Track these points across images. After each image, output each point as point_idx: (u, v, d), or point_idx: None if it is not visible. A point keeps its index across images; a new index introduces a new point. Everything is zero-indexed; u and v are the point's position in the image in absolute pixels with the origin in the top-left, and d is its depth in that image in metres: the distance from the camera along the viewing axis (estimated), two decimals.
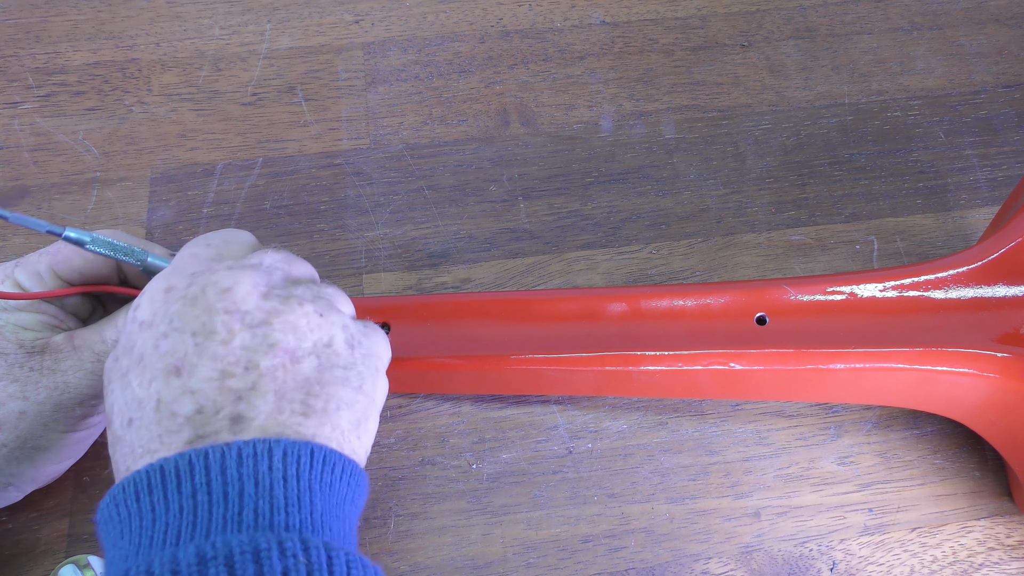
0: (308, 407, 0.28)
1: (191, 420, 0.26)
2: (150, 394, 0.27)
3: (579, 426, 0.43)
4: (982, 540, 0.41)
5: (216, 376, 0.27)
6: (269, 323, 0.29)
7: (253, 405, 0.27)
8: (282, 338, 0.29)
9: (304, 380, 0.28)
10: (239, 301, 0.29)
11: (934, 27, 0.57)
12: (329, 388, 0.29)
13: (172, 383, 0.27)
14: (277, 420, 0.27)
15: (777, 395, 0.42)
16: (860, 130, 0.53)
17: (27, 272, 0.37)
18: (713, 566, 0.40)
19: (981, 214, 0.50)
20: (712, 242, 0.48)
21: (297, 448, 0.26)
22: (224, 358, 0.27)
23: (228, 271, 0.30)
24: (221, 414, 0.26)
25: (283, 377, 0.28)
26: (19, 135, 0.51)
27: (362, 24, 0.56)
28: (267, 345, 0.28)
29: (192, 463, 0.25)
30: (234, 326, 0.28)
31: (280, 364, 0.28)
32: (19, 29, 0.55)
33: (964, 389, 0.38)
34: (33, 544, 0.39)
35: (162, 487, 0.25)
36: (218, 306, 0.28)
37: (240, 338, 0.28)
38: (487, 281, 0.47)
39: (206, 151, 0.51)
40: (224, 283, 0.29)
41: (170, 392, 0.27)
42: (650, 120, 0.53)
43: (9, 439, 0.35)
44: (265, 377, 0.28)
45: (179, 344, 0.28)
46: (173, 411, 0.26)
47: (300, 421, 0.28)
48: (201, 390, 0.27)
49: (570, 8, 0.57)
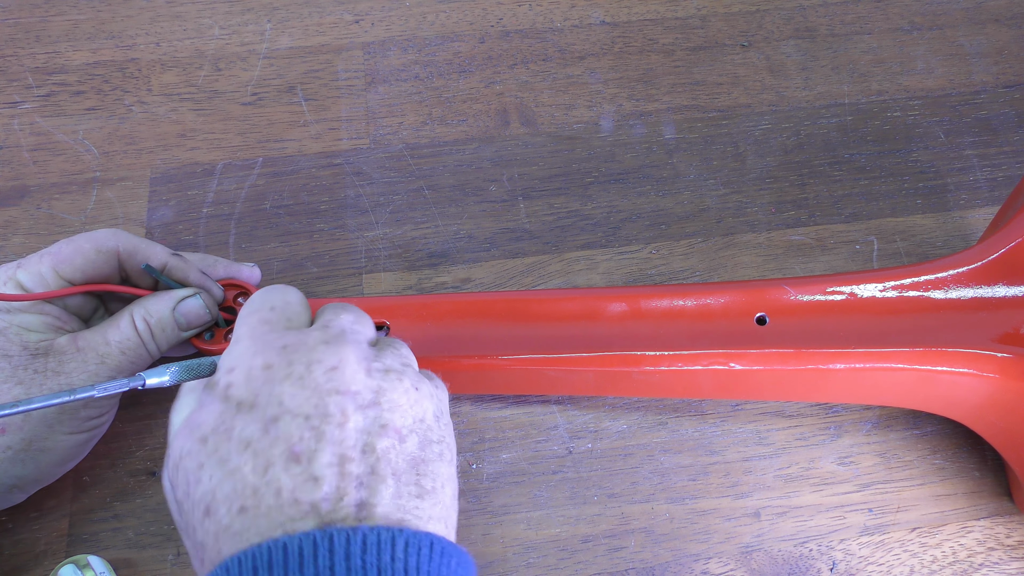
0: (421, 488, 0.27)
1: (316, 508, 0.25)
2: (267, 481, 0.26)
3: (579, 426, 0.43)
4: (982, 540, 0.41)
5: (336, 461, 0.26)
6: (378, 403, 0.28)
7: (375, 490, 0.26)
8: (391, 418, 0.28)
9: (411, 460, 0.28)
10: (348, 381, 0.28)
11: (934, 27, 0.57)
12: (431, 466, 0.28)
13: (292, 470, 0.26)
14: (398, 504, 0.26)
15: (777, 395, 0.42)
16: (860, 130, 0.53)
17: (29, 273, 0.37)
18: (713, 566, 0.40)
19: (981, 214, 0.50)
20: (712, 242, 0.48)
21: (418, 539, 0.25)
22: (342, 442, 0.27)
23: (327, 347, 0.29)
24: (345, 500, 0.26)
25: (396, 459, 0.27)
26: (19, 135, 0.51)
27: (362, 24, 0.56)
28: (379, 426, 0.27)
29: (316, 545, 0.24)
30: (347, 408, 0.27)
31: (391, 445, 0.27)
32: (19, 29, 0.55)
33: (964, 389, 0.38)
34: (33, 544, 0.39)
35: (283, 565, 0.24)
36: (328, 387, 0.27)
37: (354, 420, 0.27)
38: (487, 281, 0.47)
39: (206, 151, 0.51)
40: (329, 361, 0.28)
41: (291, 479, 0.26)
42: (650, 120, 0.53)
43: (14, 442, 0.35)
44: (382, 460, 0.27)
45: (293, 428, 0.27)
46: (297, 499, 0.25)
47: (417, 504, 0.27)
48: (324, 476, 0.26)
49: (570, 8, 0.57)
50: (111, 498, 0.40)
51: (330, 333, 0.29)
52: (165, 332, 0.38)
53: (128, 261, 0.38)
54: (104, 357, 0.37)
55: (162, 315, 0.38)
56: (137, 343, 0.37)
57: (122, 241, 0.38)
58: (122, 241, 0.38)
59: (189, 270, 0.39)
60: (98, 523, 0.40)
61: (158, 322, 0.38)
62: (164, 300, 0.38)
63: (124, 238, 0.38)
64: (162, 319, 0.38)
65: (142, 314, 0.38)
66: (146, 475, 0.41)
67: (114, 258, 0.38)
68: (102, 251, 0.37)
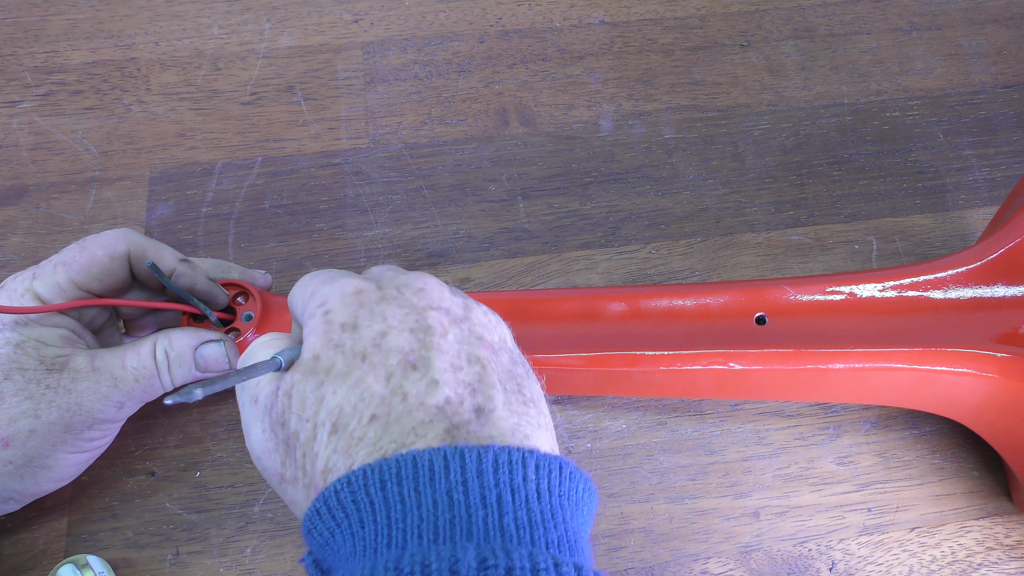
0: (524, 397, 0.28)
1: (442, 410, 0.26)
2: (392, 388, 0.26)
3: (578, 426, 0.43)
4: (981, 540, 0.41)
5: (448, 367, 0.27)
6: (468, 318, 0.29)
7: (488, 396, 0.27)
8: (482, 331, 0.29)
9: (508, 372, 0.28)
10: (438, 298, 0.29)
11: (933, 27, 0.57)
12: (524, 381, 0.29)
13: (412, 376, 0.27)
14: (511, 410, 0.27)
15: (776, 395, 0.42)
16: (859, 130, 0.53)
17: (46, 284, 0.36)
18: (712, 566, 0.40)
19: (980, 214, 0.50)
20: (711, 242, 0.48)
21: (548, 462, 0.26)
22: (448, 351, 0.27)
23: (406, 274, 0.30)
24: (465, 404, 0.26)
25: (496, 368, 0.28)
26: (18, 134, 0.51)
27: (361, 24, 0.56)
28: (475, 338, 0.28)
29: (447, 459, 0.24)
30: (444, 320, 0.28)
31: (489, 356, 0.28)
32: (18, 28, 0.55)
33: (963, 389, 0.38)
34: (32, 544, 0.39)
35: (413, 479, 0.24)
36: (422, 304, 0.28)
37: (453, 332, 0.28)
38: (486, 281, 0.47)
39: (205, 150, 0.51)
40: (416, 284, 0.29)
41: (414, 386, 0.26)
42: (649, 120, 0.53)
43: (16, 456, 0.35)
44: (486, 368, 0.28)
45: (403, 341, 0.27)
46: (423, 402, 0.26)
47: (527, 411, 0.27)
48: (442, 380, 0.26)
49: (569, 8, 0.57)
50: (110, 498, 0.40)
51: (398, 271, 0.31)
52: (182, 368, 0.38)
53: (137, 264, 0.38)
54: (118, 381, 0.37)
55: (183, 351, 0.38)
56: (152, 373, 0.37)
57: (132, 244, 0.38)
58: (132, 244, 0.38)
59: (197, 277, 0.39)
60: (97, 523, 0.40)
61: (177, 356, 0.38)
62: (190, 336, 0.38)
63: (134, 240, 0.38)
64: (182, 354, 0.38)
65: (164, 345, 0.38)
66: (145, 475, 0.41)
67: (126, 262, 0.38)
68: (115, 257, 0.37)
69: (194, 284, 0.39)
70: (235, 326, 0.41)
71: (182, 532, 0.40)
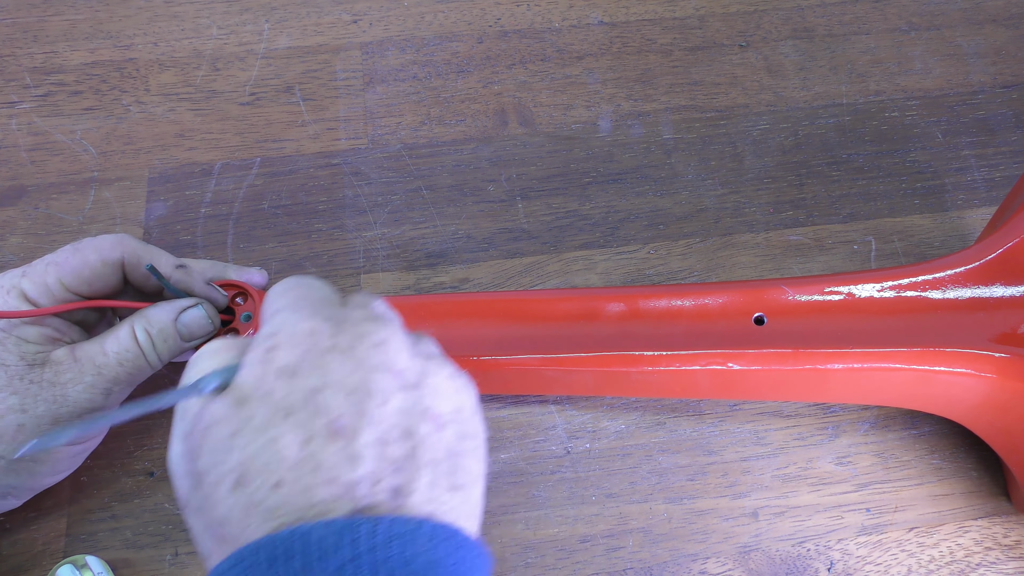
0: (455, 481, 0.26)
1: (352, 490, 0.24)
2: (307, 455, 0.25)
3: (577, 426, 0.43)
4: (979, 540, 0.41)
5: (374, 442, 0.25)
6: (421, 385, 0.27)
7: (412, 477, 0.25)
8: (432, 403, 0.27)
9: (448, 451, 0.26)
10: (394, 359, 0.27)
11: (932, 27, 0.57)
12: (465, 460, 0.27)
13: (332, 446, 0.25)
14: (431, 496, 0.25)
15: (775, 395, 0.42)
16: (858, 130, 0.53)
17: (34, 283, 0.36)
18: (711, 566, 0.40)
19: (979, 214, 0.50)
20: (710, 242, 0.48)
21: (445, 533, 0.25)
22: (381, 423, 0.25)
23: (373, 322, 0.27)
24: (382, 484, 0.25)
25: (434, 446, 0.26)
26: (16, 135, 0.51)
27: (360, 24, 0.56)
28: (420, 410, 0.26)
29: (341, 535, 0.23)
30: (390, 386, 0.26)
31: (431, 432, 0.26)
32: (16, 28, 0.55)
33: (962, 389, 0.38)
34: (31, 544, 0.39)
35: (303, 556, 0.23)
36: (373, 362, 0.26)
37: (396, 401, 0.26)
38: (485, 281, 0.47)
39: (204, 151, 0.51)
40: (376, 336, 0.27)
41: (330, 456, 0.25)
42: (648, 120, 0.53)
43: (6, 451, 0.35)
44: (420, 446, 0.26)
45: (334, 402, 0.25)
46: (334, 477, 0.24)
47: (449, 498, 0.26)
48: (362, 456, 0.25)
49: (568, 8, 0.57)
50: (109, 498, 0.40)
51: (372, 312, 0.29)
52: (167, 343, 0.38)
53: (132, 270, 0.38)
54: (101, 368, 0.36)
55: (164, 325, 0.38)
56: (137, 354, 0.37)
57: (127, 250, 0.37)
58: (127, 250, 0.37)
59: (193, 282, 0.39)
60: (96, 523, 0.40)
61: (159, 332, 0.37)
62: (166, 310, 0.38)
63: (129, 247, 0.38)
64: (164, 329, 0.38)
65: (143, 325, 0.37)
66: (144, 475, 0.41)
67: (119, 268, 0.38)
68: (108, 262, 0.37)
69: (191, 289, 0.39)
70: (234, 326, 0.41)
71: (181, 532, 0.40)
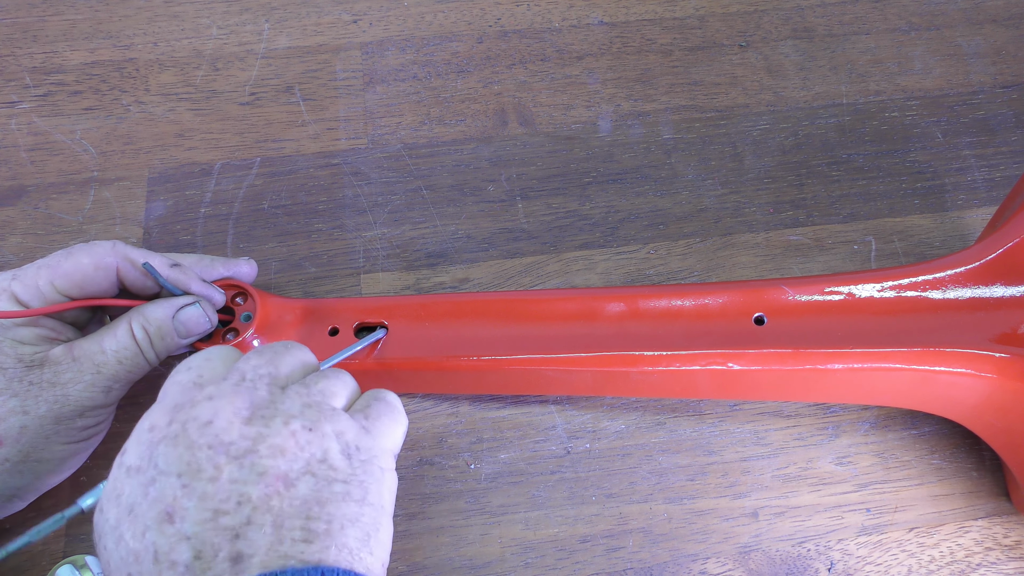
0: (309, 532, 0.27)
1: (191, 568, 0.25)
2: (145, 546, 0.26)
3: (577, 426, 0.43)
4: (979, 540, 0.41)
5: (209, 516, 0.26)
6: (255, 450, 0.28)
7: (251, 541, 0.26)
8: (271, 464, 0.27)
9: (302, 503, 0.27)
10: (220, 433, 0.28)
11: (932, 27, 0.57)
12: (329, 507, 0.28)
13: (166, 531, 0.26)
14: (278, 552, 0.26)
15: (775, 395, 0.42)
16: (858, 130, 0.53)
17: (25, 285, 0.36)
18: (711, 566, 0.40)
19: (979, 214, 0.50)
20: (710, 242, 0.48)
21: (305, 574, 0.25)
22: (214, 496, 0.26)
23: (208, 401, 0.29)
24: (220, 556, 0.26)
25: (279, 505, 0.27)
26: (16, 135, 0.51)
27: (360, 24, 0.56)
28: (256, 475, 0.27)
29: None
30: (219, 460, 0.27)
31: (274, 492, 0.27)
32: (16, 28, 0.55)
33: (962, 389, 0.38)
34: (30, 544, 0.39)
35: None
36: (200, 441, 0.27)
37: (227, 472, 0.27)
38: (485, 281, 0.47)
39: (204, 151, 0.51)
40: (203, 416, 0.28)
41: (165, 541, 0.26)
42: (648, 120, 0.53)
43: (11, 454, 0.35)
44: (259, 509, 0.27)
45: (167, 488, 0.27)
46: (172, 560, 0.25)
47: (303, 549, 0.26)
48: (196, 534, 0.26)
49: (568, 8, 0.57)
50: None
51: (222, 386, 0.30)
52: (164, 340, 0.38)
53: (127, 275, 0.38)
54: (100, 366, 0.36)
55: (161, 323, 0.38)
56: (135, 352, 0.37)
57: (120, 257, 0.37)
58: (120, 257, 0.37)
59: (190, 282, 0.39)
60: None
61: (157, 330, 0.37)
62: (163, 308, 0.38)
63: (122, 253, 0.37)
64: (161, 327, 0.38)
65: (141, 322, 0.37)
66: None
67: (113, 273, 0.37)
68: (101, 268, 0.37)
69: (188, 287, 0.39)
70: (234, 326, 0.41)
71: None
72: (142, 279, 0.38)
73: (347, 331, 0.42)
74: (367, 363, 0.41)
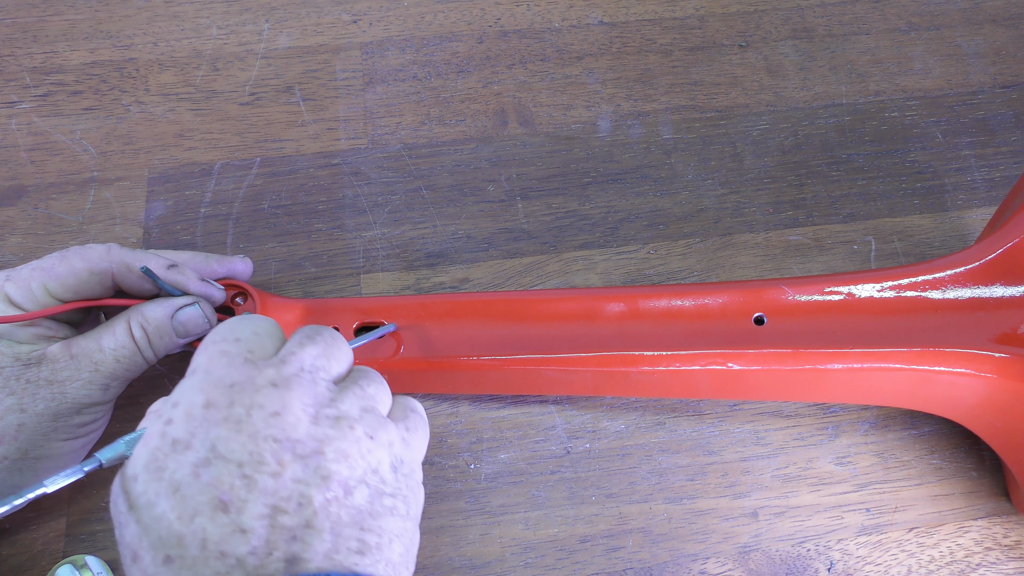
0: (363, 544, 0.26)
1: (243, 562, 0.24)
2: (193, 530, 0.24)
3: (577, 426, 0.43)
4: (979, 540, 0.41)
5: (267, 513, 0.25)
6: (321, 452, 0.27)
7: (309, 545, 0.25)
8: (335, 469, 0.26)
9: (357, 513, 0.26)
10: (289, 428, 0.27)
11: (932, 27, 0.57)
12: (381, 520, 0.27)
13: (219, 520, 0.25)
14: (333, 560, 0.25)
15: (775, 395, 0.42)
16: (858, 130, 0.53)
17: (19, 288, 0.36)
18: (711, 566, 0.40)
19: (978, 214, 0.50)
20: (710, 242, 0.48)
21: None
22: (275, 493, 0.25)
23: (273, 389, 0.27)
24: (275, 555, 0.24)
25: (337, 512, 0.26)
26: (16, 135, 0.51)
27: (360, 24, 0.56)
28: (320, 477, 0.26)
29: None
30: (284, 457, 0.26)
31: (334, 498, 0.26)
32: (16, 28, 0.55)
33: (961, 389, 0.38)
34: (30, 544, 0.39)
35: None
36: (266, 433, 0.26)
37: (291, 470, 0.26)
38: (485, 281, 0.47)
39: (204, 151, 0.51)
40: (272, 406, 0.27)
41: (218, 530, 0.24)
42: (648, 120, 0.53)
43: (10, 452, 0.35)
44: (320, 514, 0.25)
45: (224, 475, 0.25)
46: (223, 551, 0.24)
47: (356, 560, 0.26)
48: (253, 529, 0.25)
49: (568, 8, 0.57)
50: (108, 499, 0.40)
51: (283, 372, 0.28)
52: (163, 340, 0.38)
53: (123, 279, 0.37)
54: (98, 364, 0.36)
55: (160, 323, 0.37)
56: (133, 351, 0.37)
57: (116, 262, 0.37)
58: (116, 262, 0.37)
59: (188, 282, 0.39)
60: (95, 523, 0.40)
61: (155, 329, 0.37)
62: (162, 308, 0.38)
63: (118, 258, 0.37)
64: (160, 327, 0.37)
65: (139, 321, 0.37)
66: None
67: (108, 278, 0.37)
68: (95, 272, 0.37)
69: (186, 287, 0.39)
70: None
71: None
72: (139, 282, 0.38)
73: (347, 331, 0.42)
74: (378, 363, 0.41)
